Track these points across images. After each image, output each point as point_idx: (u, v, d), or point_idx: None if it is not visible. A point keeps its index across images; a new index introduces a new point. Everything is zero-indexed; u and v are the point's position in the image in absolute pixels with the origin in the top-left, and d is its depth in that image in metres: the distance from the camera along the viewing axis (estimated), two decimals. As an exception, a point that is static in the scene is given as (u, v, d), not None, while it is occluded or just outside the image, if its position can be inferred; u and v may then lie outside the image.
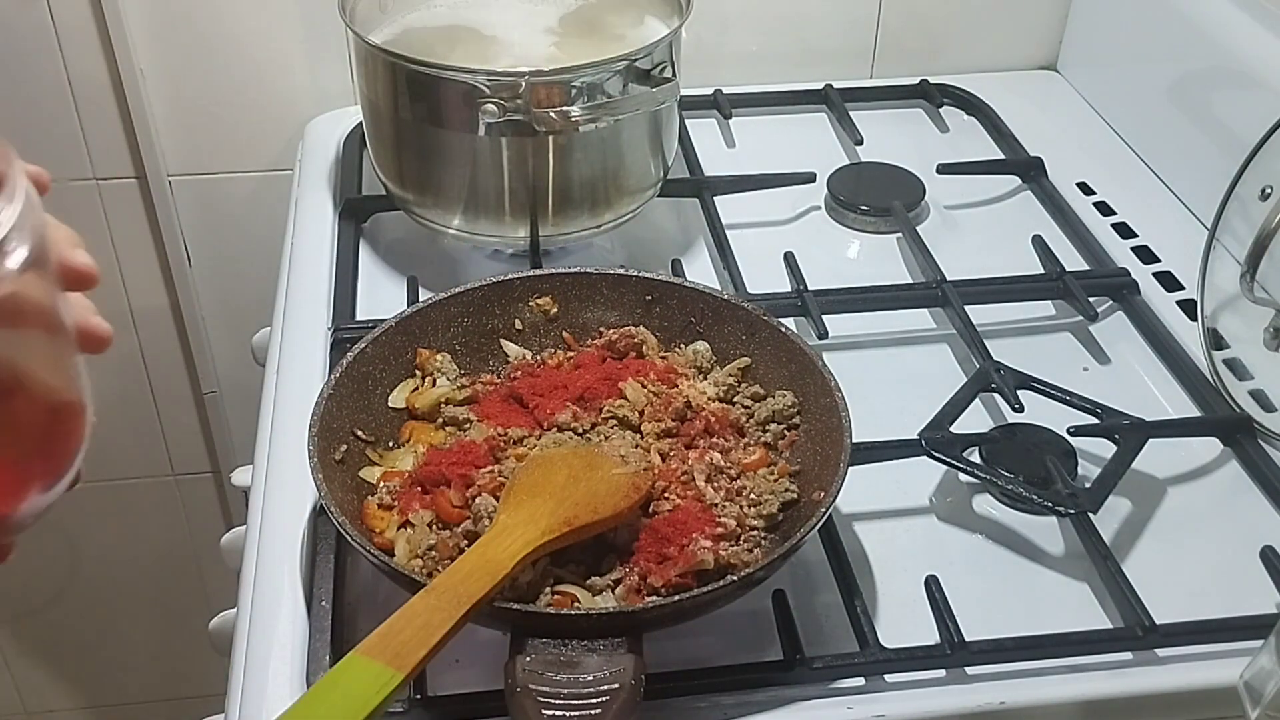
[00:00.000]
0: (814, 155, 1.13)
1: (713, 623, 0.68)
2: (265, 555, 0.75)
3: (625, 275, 0.85)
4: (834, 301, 0.94)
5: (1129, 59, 1.20)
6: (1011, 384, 0.84)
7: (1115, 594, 0.73)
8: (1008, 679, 0.69)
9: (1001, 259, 1.01)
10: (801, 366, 0.78)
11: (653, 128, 0.97)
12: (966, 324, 0.91)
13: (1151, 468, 0.82)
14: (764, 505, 0.72)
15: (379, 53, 0.91)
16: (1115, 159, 1.17)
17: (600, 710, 0.58)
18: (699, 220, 1.05)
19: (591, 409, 0.79)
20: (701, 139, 1.16)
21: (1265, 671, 0.58)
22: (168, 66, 1.19)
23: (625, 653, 0.61)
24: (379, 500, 0.73)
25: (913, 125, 1.22)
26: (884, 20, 1.26)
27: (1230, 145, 0.93)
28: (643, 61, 0.91)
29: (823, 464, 0.73)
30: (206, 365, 1.37)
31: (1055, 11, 1.28)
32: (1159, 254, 1.03)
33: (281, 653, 0.69)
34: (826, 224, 1.08)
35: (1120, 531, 0.79)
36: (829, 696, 0.67)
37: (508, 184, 0.93)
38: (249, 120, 1.23)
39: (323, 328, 0.92)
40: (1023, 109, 1.22)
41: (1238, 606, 0.72)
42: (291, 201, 1.10)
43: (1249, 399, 0.86)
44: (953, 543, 0.78)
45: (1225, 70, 1.04)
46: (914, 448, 0.79)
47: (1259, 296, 0.81)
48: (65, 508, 0.55)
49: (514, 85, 0.87)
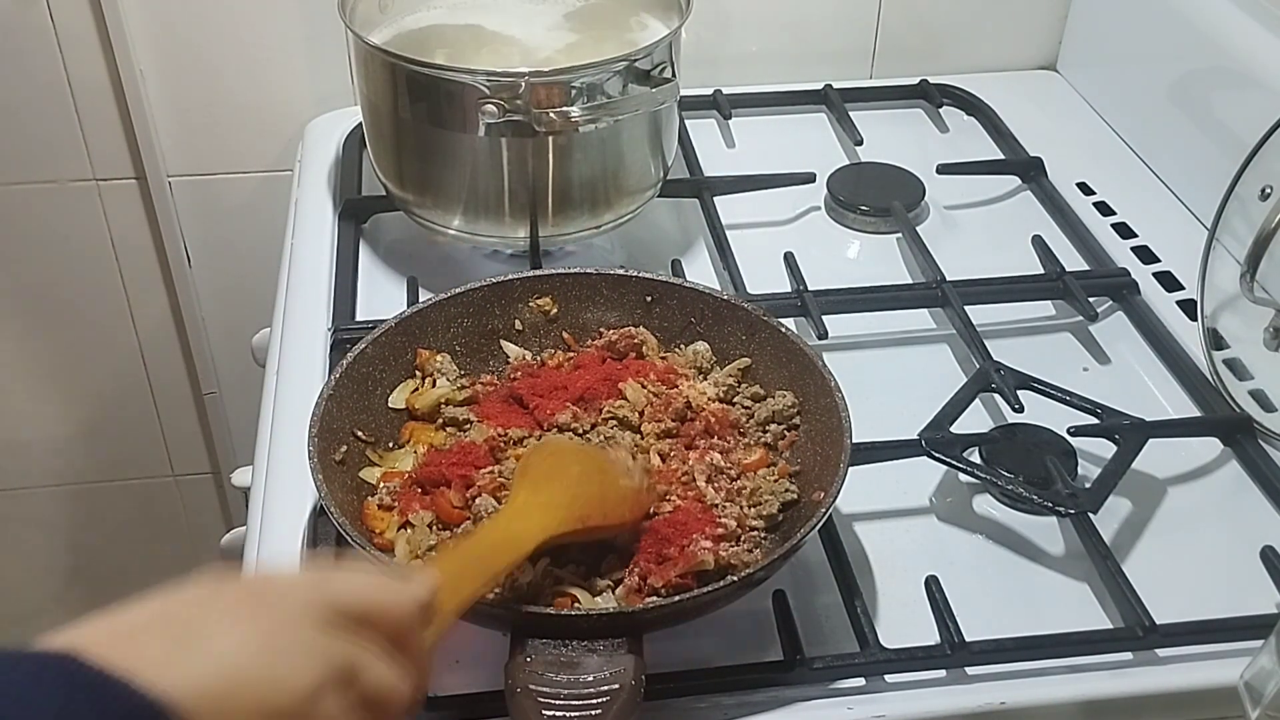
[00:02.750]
0: (814, 155, 1.13)
1: (713, 623, 0.68)
2: (265, 556, 0.75)
3: (625, 276, 0.85)
4: (834, 302, 0.94)
5: (1129, 59, 1.20)
6: (1011, 384, 0.84)
7: (1115, 594, 0.73)
8: (1008, 679, 0.69)
9: (1001, 259, 1.01)
10: (802, 367, 0.78)
11: (653, 128, 0.97)
12: (966, 324, 0.91)
13: (1151, 468, 0.82)
14: (764, 506, 0.72)
15: (379, 53, 0.92)
16: (1115, 159, 1.17)
17: (601, 711, 0.58)
18: (699, 220, 1.05)
19: (591, 409, 0.79)
20: (701, 139, 1.16)
21: (1265, 671, 0.58)
22: (168, 67, 1.19)
23: (626, 653, 0.61)
24: (379, 501, 0.73)
25: (912, 125, 1.22)
26: (884, 20, 1.26)
27: (1230, 145, 0.93)
28: (643, 62, 0.91)
29: (823, 464, 0.73)
30: (206, 365, 1.37)
31: (1055, 11, 1.28)
32: (1159, 254, 1.03)
33: (282, 653, 0.69)
34: (826, 224, 1.08)
35: (1120, 531, 0.79)
36: (829, 697, 0.68)
37: (508, 184, 0.93)
38: (249, 120, 1.23)
39: (323, 328, 0.92)
40: (1023, 109, 1.22)
41: (1238, 606, 0.72)
42: (291, 202, 1.10)
43: (1249, 399, 0.86)
44: (953, 543, 0.78)
45: (1225, 70, 1.04)
46: (914, 448, 0.79)
47: (1259, 296, 0.81)
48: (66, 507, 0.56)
49: (514, 86, 0.87)
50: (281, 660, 0.42)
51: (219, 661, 0.41)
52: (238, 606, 0.43)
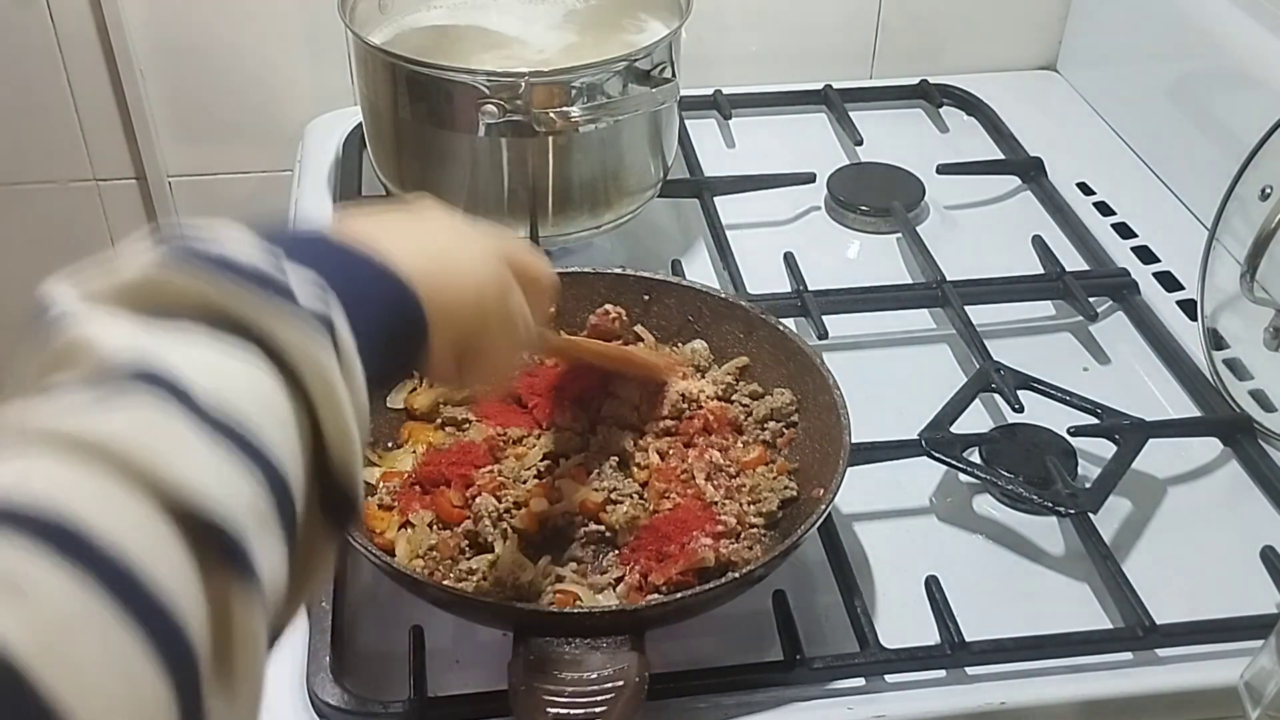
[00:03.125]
0: (814, 155, 1.13)
1: (713, 623, 0.68)
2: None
3: (623, 275, 0.85)
4: (834, 302, 0.94)
5: (1129, 59, 1.20)
6: (1011, 384, 0.83)
7: (1115, 594, 0.73)
8: (1008, 679, 0.69)
9: (1001, 259, 1.01)
10: (800, 365, 0.78)
11: (652, 128, 0.97)
12: (966, 324, 0.91)
13: (1151, 468, 0.82)
14: (763, 503, 0.73)
15: (379, 53, 0.92)
16: (1115, 159, 1.17)
17: (606, 708, 0.58)
18: (699, 221, 1.05)
19: (590, 408, 0.79)
20: (701, 139, 1.16)
21: (1265, 671, 0.57)
22: (168, 67, 1.19)
23: (629, 650, 0.61)
24: (379, 501, 0.73)
25: (912, 125, 1.22)
26: (884, 20, 1.26)
27: (1230, 145, 0.93)
28: (643, 62, 0.91)
29: (821, 461, 0.73)
30: (207, 366, 1.36)
31: (1055, 11, 1.28)
32: (1159, 254, 1.03)
33: (281, 653, 0.69)
34: (826, 224, 1.08)
35: (1120, 531, 0.79)
36: (829, 697, 0.67)
37: (508, 184, 0.93)
38: (249, 121, 1.23)
39: (323, 328, 0.92)
40: (1023, 109, 1.22)
41: (1238, 606, 0.72)
42: (291, 202, 1.10)
43: (1249, 399, 0.86)
44: (953, 543, 0.78)
45: (1225, 70, 1.04)
46: (914, 448, 0.79)
47: (1259, 296, 0.81)
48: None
49: (514, 86, 0.87)
50: (473, 257, 0.55)
51: (432, 250, 0.52)
52: (445, 223, 0.57)
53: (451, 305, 0.52)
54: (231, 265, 0.40)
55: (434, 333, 0.51)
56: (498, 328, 0.56)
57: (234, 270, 0.40)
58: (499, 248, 0.58)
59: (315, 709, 0.65)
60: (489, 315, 0.55)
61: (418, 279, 0.49)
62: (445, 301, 0.51)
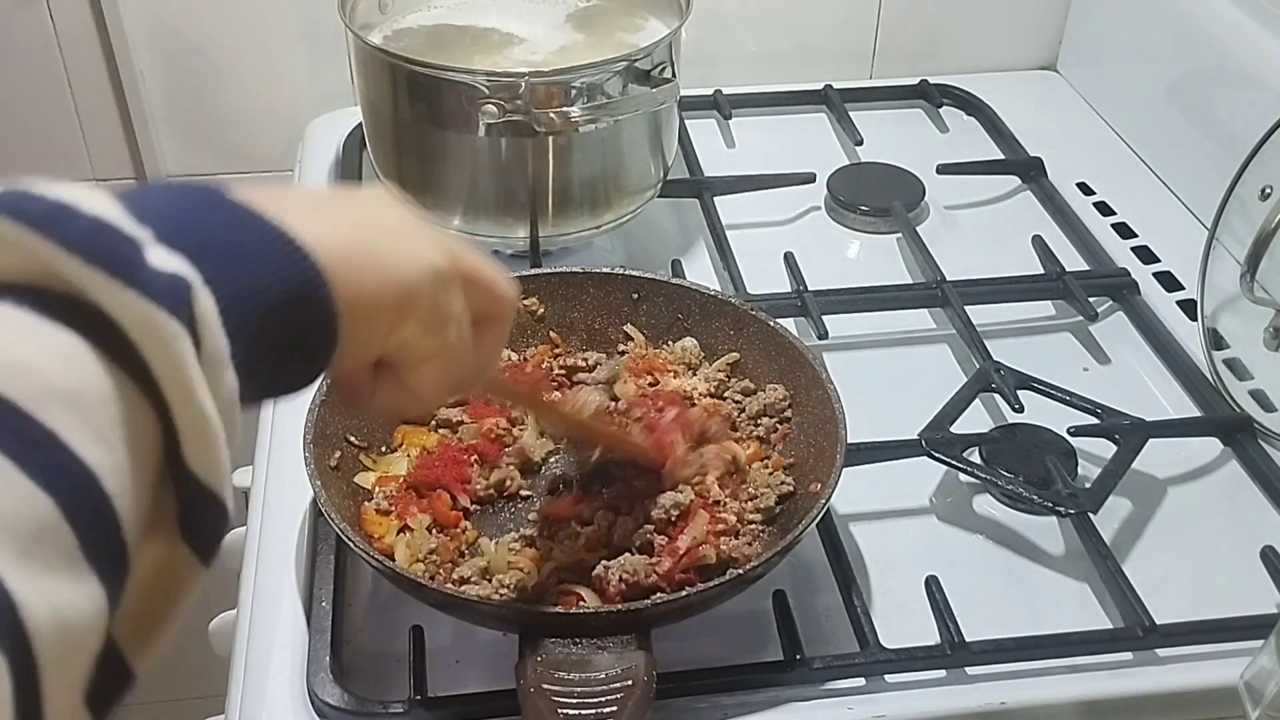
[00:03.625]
0: (814, 155, 1.13)
1: (713, 623, 0.68)
2: (265, 556, 0.75)
3: (611, 274, 0.85)
4: (834, 302, 0.94)
5: (1129, 59, 1.20)
6: (1011, 384, 0.83)
7: (1115, 594, 0.73)
8: (1008, 679, 0.69)
9: (1001, 259, 1.01)
10: (791, 360, 0.78)
11: (652, 128, 0.97)
12: (966, 324, 0.91)
13: (1151, 468, 0.82)
14: (760, 499, 0.73)
15: (379, 53, 0.91)
16: (1115, 159, 1.17)
17: (616, 708, 0.58)
18: (699, 221, 1.05)
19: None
20: (701, 139, 1.16)
21: (1265, 671, 0.57)
22: (167, 67, 1.19)
23: (636, 649, 0.61)
24: (376, 506, 0.73)
25: (912, 125, 1.22)
26: (884, 20, 1.26)
27: (1230, 145, 0.93)
28: (643, 62, 0.91)
29: (817, 456, 0.74)
30: (207, 366, 1.37)
31: (1055, 11, 1.28)
32: (1159, 254, 1.03)
33: (281, 653, 0.69)
34: (826, 224, 1.08)
35: (1120, 531, 0.79)
36: (829, 697, 0.67)
37: (508, 184, 0.93)
38: (249, 121, 1.23)
39: (322, 328, 0.92)
40: (1022, 109, 1.22)
41: (1238, 606, 0.72)
42: (291, 202, 1.10)
43: (1249, 399, 0.86)
44: (953, 543, 0.78)
45: (1225, 70, 1.04)
46: (914, 448, 0.79)
47: (1259, 296, 0.81)
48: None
49: (514, 86, 0.87)
50: (411, 243, 0.46)
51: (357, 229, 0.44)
52: (384, 205, 0.48)
53: (371, 296, 0.43)
54: (69, 216, 0.33)
55: (345, 326, 0.42)
56: (421, 329, 0.46)
57: (70, 222, 0.33)
58: (449, 245, 0.48)
59: (315, 709, 0.65)
60: (416, 312, 0.46)
61: (330, 257, 0.40)
62: (364, 289, 0.43)
